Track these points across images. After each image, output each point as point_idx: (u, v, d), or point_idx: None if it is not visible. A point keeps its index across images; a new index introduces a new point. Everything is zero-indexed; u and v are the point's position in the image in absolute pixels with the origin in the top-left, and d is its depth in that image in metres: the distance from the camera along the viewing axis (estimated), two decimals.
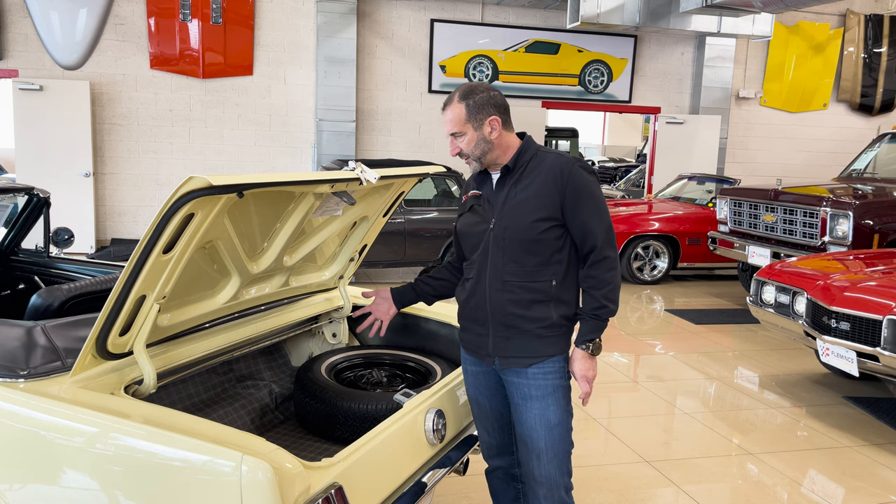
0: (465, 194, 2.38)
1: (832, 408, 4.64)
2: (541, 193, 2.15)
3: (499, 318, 2.21)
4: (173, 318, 2.21)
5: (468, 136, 2.18)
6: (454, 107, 2.18)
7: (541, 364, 2.20)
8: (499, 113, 2.20)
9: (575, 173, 2.13)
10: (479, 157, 2.21)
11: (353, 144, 9.83)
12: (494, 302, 2.20)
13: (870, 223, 6.01)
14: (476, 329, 2.28)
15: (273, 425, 2.78)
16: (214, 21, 9.33)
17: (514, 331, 2.20)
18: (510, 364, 2.23)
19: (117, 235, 9.57)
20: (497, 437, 2.41)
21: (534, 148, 2.23)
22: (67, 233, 3.89)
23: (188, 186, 1.73)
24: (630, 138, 24.01)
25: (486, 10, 10.34)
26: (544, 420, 2.20)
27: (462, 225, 2.34)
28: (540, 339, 2.19)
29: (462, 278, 2.36)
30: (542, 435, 2.21)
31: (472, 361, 2.37)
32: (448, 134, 2.23)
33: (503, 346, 2.23)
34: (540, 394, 2.21)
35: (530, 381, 2.21)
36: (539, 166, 2.19)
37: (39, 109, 8.75)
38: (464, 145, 2.19)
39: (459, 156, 2.23)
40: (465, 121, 2.17)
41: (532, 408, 2.21)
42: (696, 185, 9.32)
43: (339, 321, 3.12)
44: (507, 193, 2.20)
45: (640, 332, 6.41)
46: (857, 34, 11.65)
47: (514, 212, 2.17)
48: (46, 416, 1.82)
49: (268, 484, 1.54)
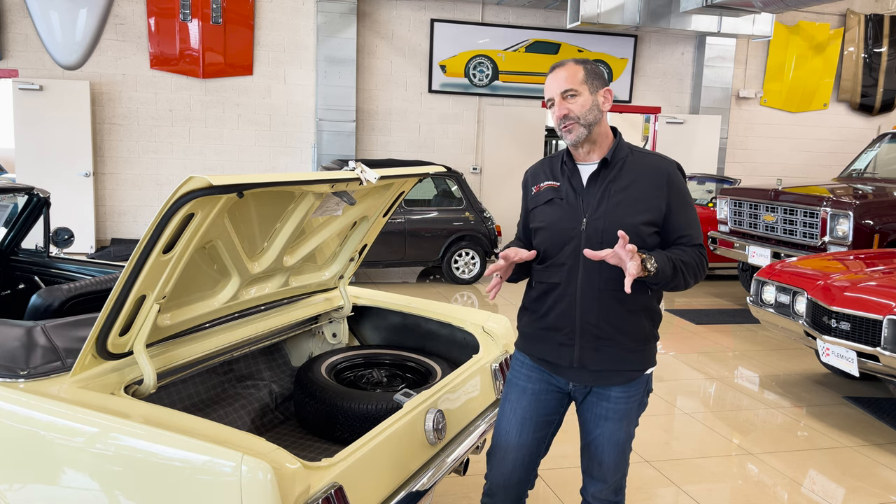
0: (536, 185, 2.14)
1: (832, 408, 4.64)
2: (646, 196, 1.99)
3: (590, 329, 2.02)
4: (173, 318, 2.21)
5: (582, 98, 1.97)
6: (570, 67, 1.99)
7: (625, 387, 2.08)
8: (609, 87, 2.03)
9: (679, 179, 2.04)
10: (590, 124, 1.99)
11: (353, 144, 9.83)
12: (587, 311, 2.01)
13: (870, 223, 6.01)
14: (557, 338, 2.07)
15: (273, 425, 2.78)
16: (214, 21, 9.32)
17: (605, 342, 2.03)
18: (598, 380, 2.07)
19: (117, 235, 9.57)
20: (521, 472, 2.18)
21: (627, 144, 2.08)
22: (67, 233, 3.89)
23: (188, 186, 1.73)
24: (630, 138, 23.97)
25: (486, 9, 10.34)
26: (614, 439, 2.11)
27: (542, 220, 2.09)
28: (632, 353, 2.06)
29: (535, 280, 2.14)
30: (608, 451, 2.12)
31: (536, 378, 2.15)
32: (556, 94, 1.99)
33: (591, 358, 2.04)
34: (616, 416, 2.10)
35: (611, 404, 2.09)
36: (638, 166, 2.03)
37: (39, 109, 8.75)
38: (576, 107, 1.97)
39: (564, 119, 1.98)
40: (583, 81, 1.98)
41: (605, 427, 2.10)
42: (696, 185, 9.31)
43: (339, 321, 3.12)
44: (605, 190, 2.01)
45: None
46: (857, 34, 11.64)
47: (615, 212, 1.98)
48: (46, 416, 1.82)
49: (268, 484, 1.54)
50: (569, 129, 1.99)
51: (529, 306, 2.17)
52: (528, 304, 2.17)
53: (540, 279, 2.11)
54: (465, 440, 2.40)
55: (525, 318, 2.19)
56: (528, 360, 2.18)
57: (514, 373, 2.22)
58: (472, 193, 8.20)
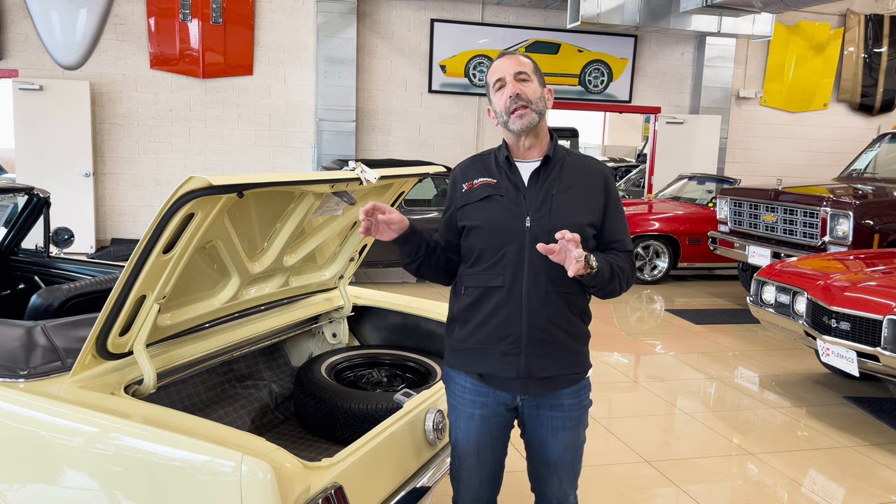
0: (467, 181, 2.01)
1: (832, 408, 4.64)
2: (588, 197, 1.96)
3: (537, 335, 1.91)
4: (173, 318, 2.21)
5: (534, 85, 1.95)
6: (520, 56, 1.99)
7: (574, 390, 2.02)
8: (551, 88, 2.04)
9: (614, 184, 2.04)
10: (540, 112, 1.95)
11: (353, 144, 9.83)
12: (534, 315, 1.90)
13: (870, 223, 6.01)
14: (500, 349, 1.93)
15: (273, 425, 2.78)
16: (214, 21, 9.32)
17: (552, 346, 1.94)
18: (546, 388, 1.98)
19: (117, 235, 9.57)
20: (488, 490, 2.12)
21: (561, 145, 2.05)
22: (67, 233, 3.89)
23: (188, 186, 1.73)
24: (630, 138, 24.00)
25: (486, 10, 10.34)
26: (572, 448, 2.06)
27: (477, 218, 1.95)
28: (576, 355, 2.00)
29: (466, 285, 1.98)
30: (567, 461, 2.07)
31: (481, 403, 2.00)
32: (509, 74, 1.94)
33: (539, 365, 1.93)
34: (572, 424, 2.04)
35: (565, 413, 2.01)
36: (577, 167, 2.00)
37: (39, 109, 8.75)
38: (530, 91, 1.93)
39: (517, 98, 1.91)
40: (533, 71, 1.98)
41: (562, 438, 2.04)
42: (696, 185, 9.32)
43: (339, 321, 3.12)
44: (548, 188, 1.93)
45: (640, 332, 6.40)
46: (857, 34, 11.64)
47: (561, 211, 1.91)
48: (46, 416, 1.82)
49: (268, 484, 1.54)
50: (520, 114, 1.91)
51: (461, 316, 1.99)
52: (460, 313, 2.00)
53: (475, 283, 1.95)
54: None
55: (458, 331, 2.01)
56: (467, 381, 2.01)
57: (455, 398, 2.05)
58: None
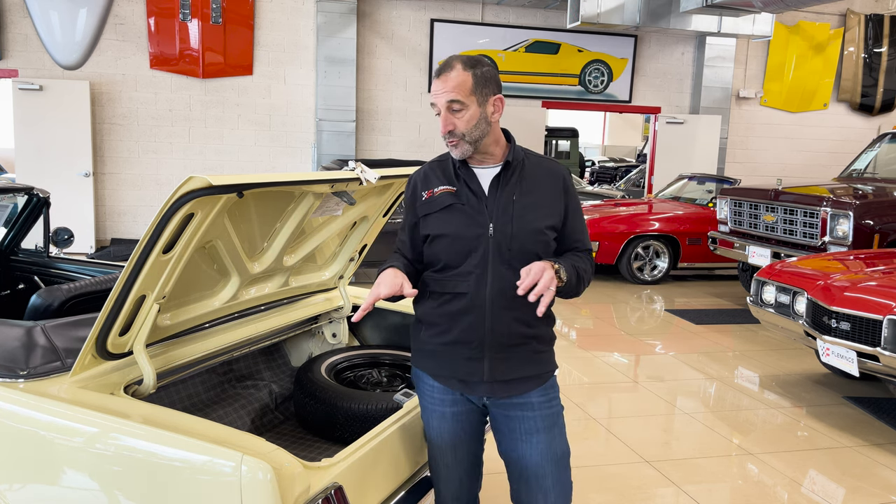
0: (427, 190, 1.98)
1: (832, 408, 4.64)
2: (548, 200, 1.96)
3: (500, 339, 1.92)
4: (173, 318, 2.20)
5: (470, 112, 1.86)
6: (458, 73, 1.84)
7: (542, 389, 1.99)
8: (501, 93, 1.93)
9: (572, 183, 2.03)
10: (476, 140, 1.88)
11: (353, 144, 9.83)
12: (497, 320, 1.91)
13: (870, 223, 6.01)
14: (464, 352, 1.95)
15: (273, 425, 2.78)
16: (214, 21, 9.33)
17: (514, 350, 1.94)
18: (512, 390, 1.96)
19: (117, 235, 9.57)
20: (469, 486, 2.11)
21: (520, 148, 2.01)
22: (67, 233, 3.89)
23: (188, 186, 1.73)
24: (630, 138, 24.02)
25: (486, 9, 10.34)
26: (551, 454, 1.97)
27: (438, 227, 1.95)
28: (540, 354, 2.00)
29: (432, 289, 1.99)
30: (549, 471, 1.97)
31: (451, 401, 2.01)
32: (441, 104, 1.86)
33: (501, 369, 1.94)
34: (546, 425, 1.98)
35: (536, 412, 1.97)
36: (536, 169, 1.98)
37: (39, 109, 8.75)
38: (462, 123, 1.85)
39: (449, 135, 1.87)
40: (471, 92, 1.85)
41: (538, 442, 1.96)
42: (696, 185, 9.32)
43: (338, 321, 3.12)
44: (508, 195, 1.92)
45: (640, 332, 6.41)
46: (857, 34, 11.64)
47: (524, 216, 1.91)
48: (46, 416, 1.82)
49: (268, 484, 1.53)
50: (454, 145, 1.89)
51: (427, 319, 2.00)
52: (425, 316, 2.01)
53: (441, 289, 1.96)
54: None
55: (423, 334, 2.02)
56: (435, 381, 2.03)
57: (425, 398, 2.07)
58: None
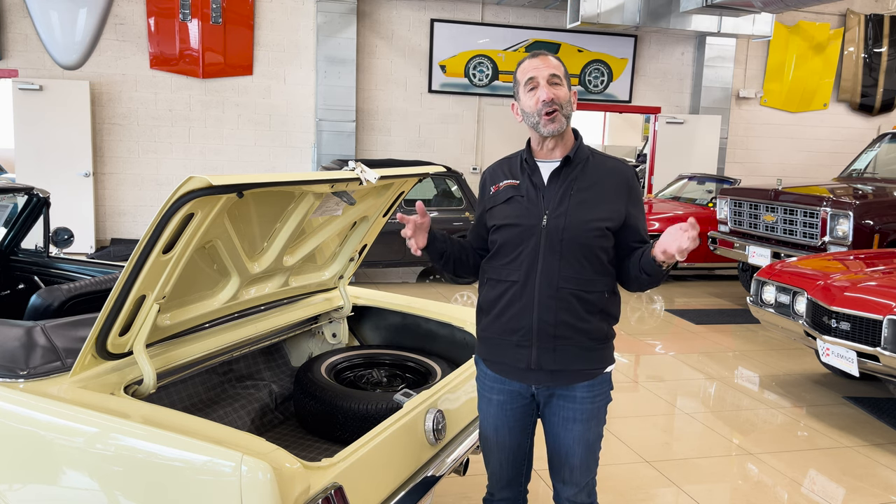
0: (494, 184, 2.10)
1: (832, 408, 4.64)
2: (608, 198, 2.00)
3: (547, 330, 1.99)
4: (173, 318, 2.21)
5: (565, 89, 1.99)
6: (553, 58, 2.00)
7: (590, 385, 2.06)
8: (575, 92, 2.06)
9: (637, 185, 2.07)
10: (568, 116, 2.00)
11: (353, 144, 9.82)
12: (544, 310, 1.98)
13: (870, 223, 6.01)
14: (513, 339, 2.03)
15: (273, 425, 2.78)
16: (214, 21, 9.32)
17: (562, 342, 2.00)
18: (557, 381, 2.04)
19: (117, 235, 9.57)
20: (509, 471, 2.20)
21: (587, 147, 2.08)
22: (67, 233, 3.89)
23: (188, 186, 1.73)
24: (630, 138, 23.99)
25: (486, 9, 10.34)
26: (584, 441, 2.08)
27: (500, 217, 2.05)
28: (590, 351, 2.03)
29: (489, 276, 2.10)
30: (578, 453, 2.09)
31: (498, 389, 2.12)
32: (543, 77, 1.96)
33: (550, 359, 2.01)
34: (584, 417, 2.07)
35: (577, 405, 2.06)
36: (600, 168, 2.04)
37: (39, 109, 8.74)
38: (562, 95, 1.97)
39: (550, 104, 1.95)
40: (564, 75, 2.00)
41: (573, 430, 2.07)
42: (696, 185, 9.32)
43: (338, 321, 3.12)
44: (566, 188, 1.99)
45: (640, 332, 6.40)
46: (857, 34, 11.64)
47: (577, 210, 1.97)
48: (46, 416, 1.82)
49: (268, 484, 1.53)
50: (552, 118, 1.96)
51: (485, 306, 2.12)
52: (484, 303, 2.13)
53: (497, 276, 2.07)
54: (465, 440, 2.41)
55: (482, 321, 2.14)
56: (488, 370, 2.14)
57: (480, 384, 2.20)
58: (471, 193, 8.20)
